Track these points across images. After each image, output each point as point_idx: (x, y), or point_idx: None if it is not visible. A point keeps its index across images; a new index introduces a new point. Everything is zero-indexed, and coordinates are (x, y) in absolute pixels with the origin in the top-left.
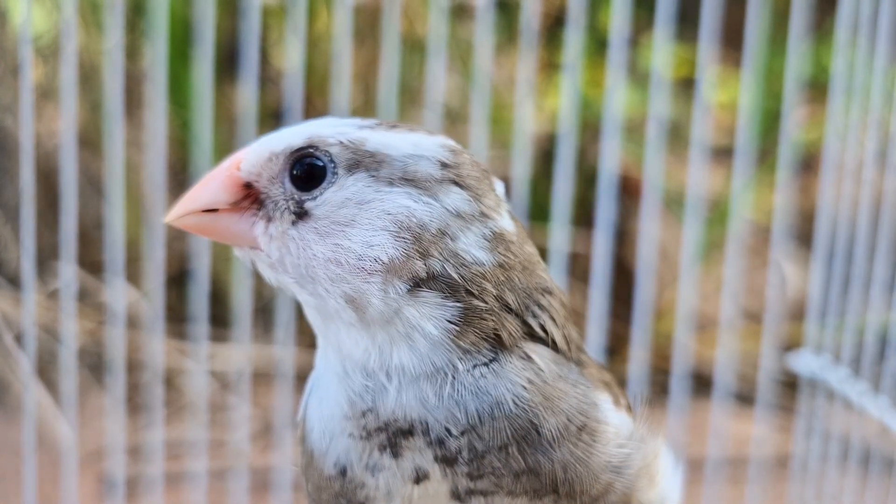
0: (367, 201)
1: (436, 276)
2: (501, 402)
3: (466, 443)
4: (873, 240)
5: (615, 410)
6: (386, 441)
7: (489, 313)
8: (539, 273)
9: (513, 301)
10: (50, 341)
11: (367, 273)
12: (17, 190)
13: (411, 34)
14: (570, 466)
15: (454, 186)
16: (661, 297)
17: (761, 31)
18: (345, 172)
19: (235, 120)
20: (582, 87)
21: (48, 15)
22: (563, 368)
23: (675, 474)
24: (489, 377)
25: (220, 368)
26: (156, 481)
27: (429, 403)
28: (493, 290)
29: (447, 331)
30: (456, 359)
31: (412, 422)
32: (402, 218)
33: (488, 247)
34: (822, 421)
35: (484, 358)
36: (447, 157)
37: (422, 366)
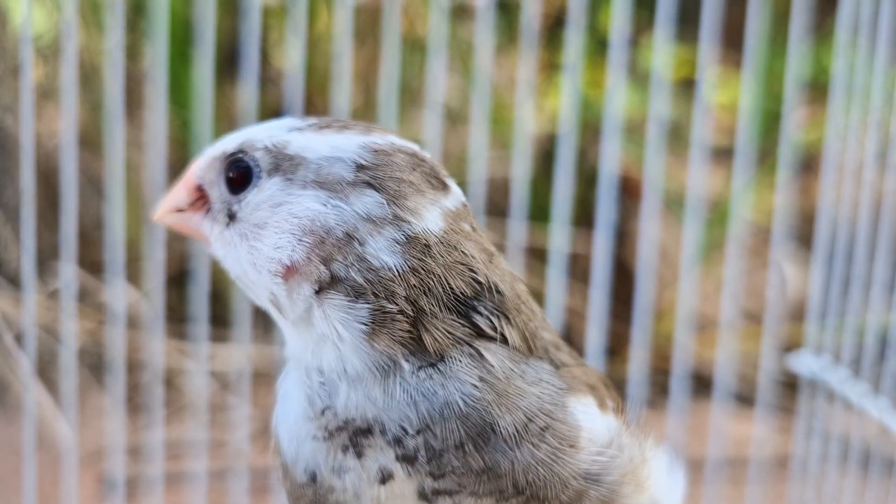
0: (279, 204)
1: (340, 279)
2: (451, 401)
3: (423, 442)
4: (873, 240)
5: (598, 414)
6: (348, 441)
7: (402, 316)
8: (482, 272)
9: (429, 305)
10: (50, 341)
11: (274, 275)
12: (18, 190)
13: (412, 34)
14: (532, 469)
15: (368, 189)
16: (661, 298)
17: (762, 32)
18: (266, 176)
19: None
20: (582, 87)
21: (48, 15)
22: (522, 366)
23: (673, 477)
24: (436, 377)
25: (220, 368)
26: (156, 481)
27: (380, 403)
28: (403, 294)
29: (361, 332)
30: (388, 360)
31: (369, 421)
32: (306, 222)
33: (399, 251)
34: (823, 422)
35: (428, 359)
36: (366, 158)
37: (353, 367)
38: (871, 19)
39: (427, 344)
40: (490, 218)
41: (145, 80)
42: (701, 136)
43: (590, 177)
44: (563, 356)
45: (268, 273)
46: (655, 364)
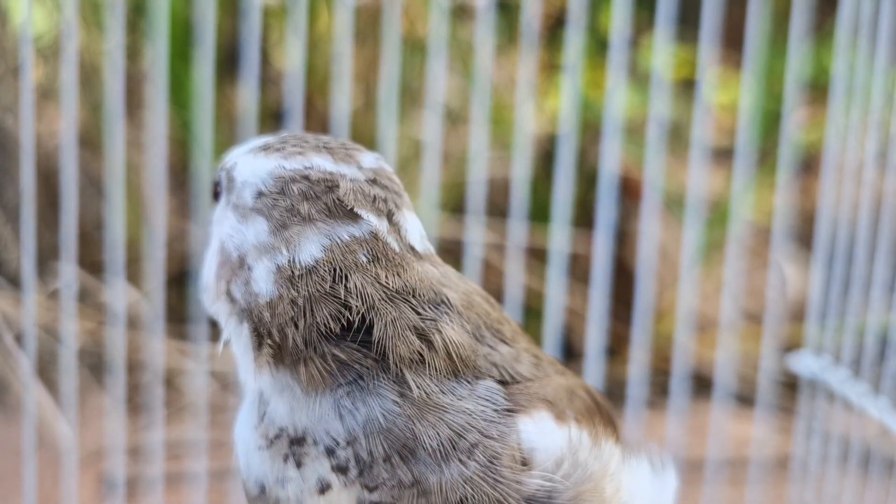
0: (216, 223)
1: (236, 301)
2: (372, 417)
3: (353, 454)
4: (874, 241)
5: (554, 428)
6: (287, 450)
7: (270, 342)
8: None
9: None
10: (50, 341)
11: (204, 290)
12: (18, 190)
13: (412, 35)
14: (459, 487)
15: (259, 216)
16: (661, 298)
17: (762, 33)
18: (223, 195)
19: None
20: (582, 87)
21: (49, 15)
22: (450, 385)
23: (658, 482)
24: (356, 394)
25: (220, 369)
26: (156, 482)
27: (308, 414)
28: (268, 321)
29: (248, 353)
30: (278, 378)
31: (301, 431)
32: (218, 244)
33: (271, 279)
34: (823, 422)
35: (345, 377)
36: (267, 185)
37: (267, 381)
38: (872, 19)
39: (300, 372)
40: (490, 218)
41: (145, 80)
42: (701, 136)
43: (590, 177)
44: (523, 368)
45: (204, 288)
46: (655, 364)
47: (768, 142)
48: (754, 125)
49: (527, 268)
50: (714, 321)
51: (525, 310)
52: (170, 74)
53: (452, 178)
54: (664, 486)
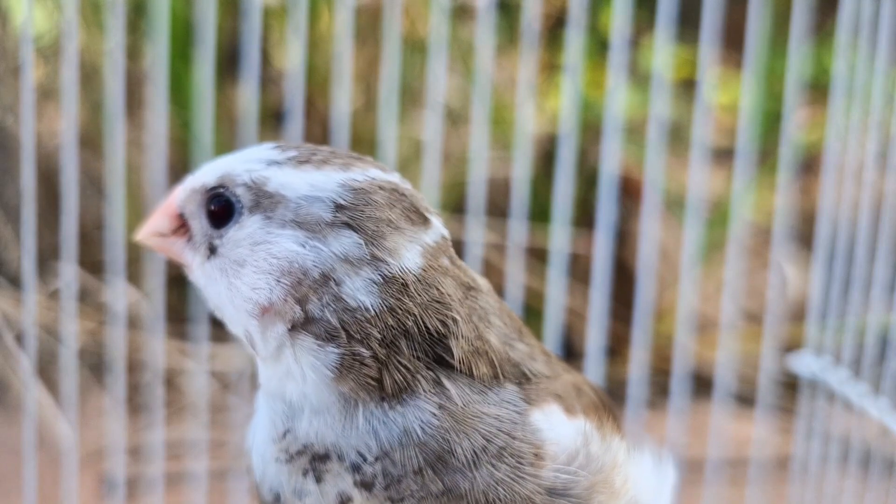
0: (259, 243)
1: (315, 320)
2: (410, 430)
3: (381, 469)
4: (874, 241)
5: (564, 420)
6: (308, 465)
7: (374, 360)
8: (455, 309)
9: (404, 344)
10: (50, 341)
11: (250, 315)
12: (18, 190)
13: (412, 35)
14: (492, 489)
15: (346, 230)
16: (661, 298)
17: (762, 33)
18: (248, 213)
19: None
20: (583, 88)
21: (49, 15)
22: (485, 392)
23: (660, 474)
24: (397, 407)
25: (220, 369)
26: (156, 481)
27: (339, 431)
28: (378, 335)
29: (326, 375)
30: (351, 398)
31: (327, 447)
32: (284, 263)
33: (377, 291)
34: (823, 422)
35: (395, 389)
36: (345, 197)
37: (316, 400)
38: (872, 20)
39: (386, 385)
40: (491, 218)
41: (146, 80)
42: (701, 136)
43: (590, 177)
44: (538, 366)
45: (244, 312)
46: (656, 364)
47: (769, 142)
48: (755, 125)
49: (527, 268)
50: (714, 321)
51: (525, 310)
52: (170, 74)
53: (453, 178)
54: (664, 478)
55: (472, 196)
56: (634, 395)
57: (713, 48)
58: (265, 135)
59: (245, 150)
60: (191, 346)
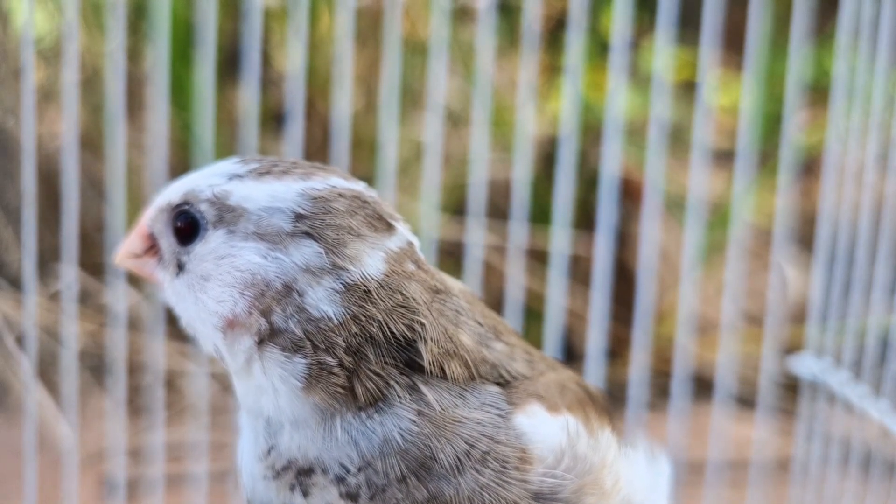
0: (222, 257)
1: (280, 332)
2: (390, 438)
3: (365, 479)
4: (874, 243)
5: (548, 418)
6: (294, 480)
7: (341, 369)
8: (422, 313)
9: (371, 352)
10: (51, 343)
11: (216, 328)
12: (19, 191)
13: (413, 36)
14: (477, 495)
15: (306, 239)
16: (662, 300)
17: (763, 35)
18: (212, 227)
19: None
20: (583, 89)
21: (50, 17)
22: (464, 395)
23: (653, 471)
24: (375, 416)
25: (221, 370)
26: (156, 483)
27: (320, 444)
28: (343, 344)
29: (296, 386)
30: (326, 409)
31: (310, 461)
32: (248, 275)
33: (339, 300)
34: (823, 424)
35: (371, 398)
36: (304, 207)
37: (292, 414)
38: (873, 22)
39: (359, 394)
40: (491, 220)
41: (146, 82)
42: (702, 138)
43: (591, 179)
44: (518, 365)
45: (211, 326)
46: (656, 366)
47: (769, 144)
48: (755, 127)
49: (528, 269)
50: (715, 323)
51: (526, 311)
52: (171, 76)
53: (453, 180)
54: (659, 475)
55: (472, 198)
56: (635, 397)
57: (714, 50)
58: (266, 136)
59: (210, 166)
60: (191, 347)
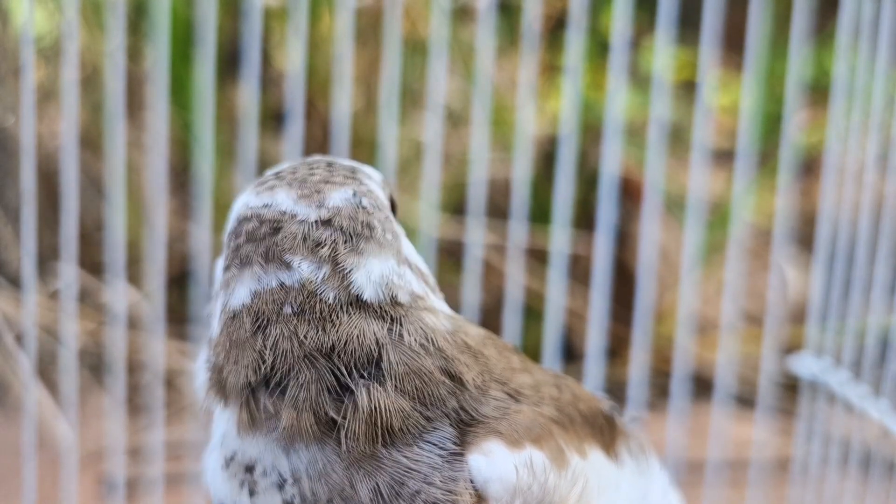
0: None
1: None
2: (313, 460)
3: (299, 491)
4: (874, 243)
5: (506, 456)
6: (242, 475)
7: (213, 378)
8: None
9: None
10: (50, 342)
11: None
12: (19, 190)
13: (413, 36)
14: None
15: (223, 254)
16: (661, 300)
17: (763, 35)
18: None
19: (237, 121)
20: (583, 89)
21: (50, 16)
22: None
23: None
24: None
25: None
26: (156, 482)
27: (254, 446)
28: (212, 358)
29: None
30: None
31: (251, 459)
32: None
33: (220, 319)
34: (823, 424)
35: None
36: (231, 224)
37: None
38: (873, 22)
39: (236, 413)
40: (491, 219)
41: (146, 81)
42: (702, 138)
43: (591, 179)
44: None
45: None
46: (656, 366)
47: (769, 144)
48: (755, 127)
49: (527, 269)
50: (715, 323)
51: (526, 311)
52: (171, 75)
53: (453, 179)
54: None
55: (472, 197)
56: (635, 397)
57: (714, 50)
58: (266, 136)
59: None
60: (191, 346)
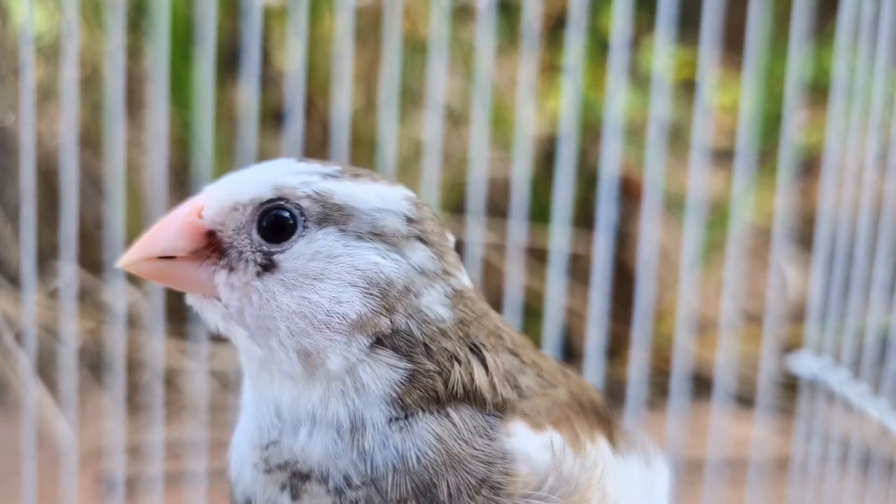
0: (337, 255)
1: (399, 332)
2: (406, 456)
3: (364, 495)
4: (874, 242)
5: (535, 443)
6: (287, 480)
7: (438, 374)
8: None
9: (464, 356)
10: (50, 340)
11: (332, 330)
12: (18, 189)
13: (413, 35)
14: None
15: (419, 243)
16: (661, 299)
17: (762, 34)
18: (314, 225)
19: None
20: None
21: (50, 15)
22: (480, 422)
23: (648, 480)
24: (397, 433)
25: (220, 368)
26: (155, 481)
27: (333, 452)
28: (448, 348)
29: (390, 390)
30: (378, 413)
31: (311, 467)
32: (371, 274)
33: (449, 304)
34: (823, 423)
35: (402, 412)
36: (412, 211)
37: (346, 419)
38: (872, 22)
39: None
40: (491, 218)
41: (146, 79)
42: (702, 137)
43: (590, 178)
44: (527, 380)
45: (323, 326)
46: (656, 365)
47: (769, 143)
48: (755, 127)
49: (527, 268)
50: (714, 322)
51: (525, 310)
52: (171, 74)
53: (453, 178)
54: (654, 481)
55: (472, 196)
56: (634, 396)
57: (713, 49)
58: (265, 135)
59: (266, 165)
60: (190, 345)
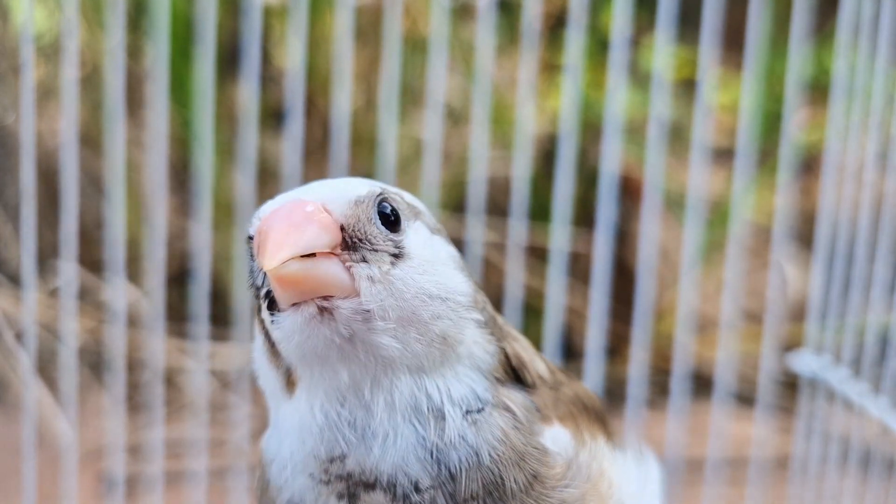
0: (434, 245)
1: (484, 309)
2: (480, 452)
3: (430, 498)
4: (874, 241)
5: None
6: (345, 490)
7: (502, 349)
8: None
9: (507, 332)
10: (50, 340)
11: (464, 308)
12: (18, 188)
13: (413, 34)
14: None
15: (440, 237)
16: (661, 298)
17: (763, 33)
18: (413, 219)
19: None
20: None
21: (50, 14)
22: (531, 416)
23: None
24: (470, 428)
25: (220, 367)
26: (156, 480)
27: (407, 459)
28: (499, 323)
29: (491, 367)
30: (473, 396)
31: (379, 476)
32: (458, 259)
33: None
34: (823, 422)
35: (477, 404)
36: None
37: (452, 404)
38: (872, 20)
39: (507, 372)
40: (491, 217)
41: (146, 79)
42: (702, 136)
43: (590, 177)
44: (540, 370)
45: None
46: (656, 364)
47: (769, 142)
48: (755, 126)
49: (527, 267)
50: (714, 321)
51: (525, 309)
52: (171, 73)
53: (453, 178)
54: (647, 476)
55: (472, 195)
56: (634, 395)
57: (713, 48)
58: (265, 134)
59: (330, 182)
60: (190, 344)
